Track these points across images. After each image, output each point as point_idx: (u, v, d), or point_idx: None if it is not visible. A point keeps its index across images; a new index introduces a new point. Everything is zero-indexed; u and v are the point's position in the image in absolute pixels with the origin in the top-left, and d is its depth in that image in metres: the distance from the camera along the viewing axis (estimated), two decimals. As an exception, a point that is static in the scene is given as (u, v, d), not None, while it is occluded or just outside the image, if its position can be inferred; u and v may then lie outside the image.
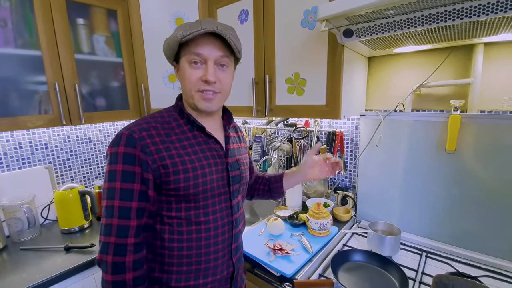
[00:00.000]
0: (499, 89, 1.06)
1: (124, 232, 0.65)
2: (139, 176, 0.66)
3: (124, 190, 0.65)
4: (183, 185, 0.69)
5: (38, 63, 1.20)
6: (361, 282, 0.93)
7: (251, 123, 1.89)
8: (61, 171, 1.60)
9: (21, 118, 1.17)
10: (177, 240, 0.72)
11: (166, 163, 0.68)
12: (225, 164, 0.78)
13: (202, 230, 0.73)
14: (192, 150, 0.72)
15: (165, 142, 0.69)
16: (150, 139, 0.67)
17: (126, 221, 0.65)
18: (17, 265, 1.09)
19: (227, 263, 0.80)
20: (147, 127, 0.69)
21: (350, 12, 0.81)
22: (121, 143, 0.66)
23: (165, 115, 0.75)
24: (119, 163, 0.65)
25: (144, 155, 0.66)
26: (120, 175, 0.65)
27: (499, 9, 0.69)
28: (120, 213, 0.65)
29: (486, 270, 0.99)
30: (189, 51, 0.69)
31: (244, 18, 1.36)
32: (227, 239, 0.78)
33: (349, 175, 1.51)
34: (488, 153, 0.99)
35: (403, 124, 1.16)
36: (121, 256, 0.64)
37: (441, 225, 1.12)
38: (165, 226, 0.72)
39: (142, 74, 1.53)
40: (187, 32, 0.66)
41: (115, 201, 0.65)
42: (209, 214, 0.74)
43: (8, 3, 1.11)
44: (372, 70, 1.36)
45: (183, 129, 0.74)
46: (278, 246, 1.09)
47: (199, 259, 0.74)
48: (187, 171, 0.69)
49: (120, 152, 0.65)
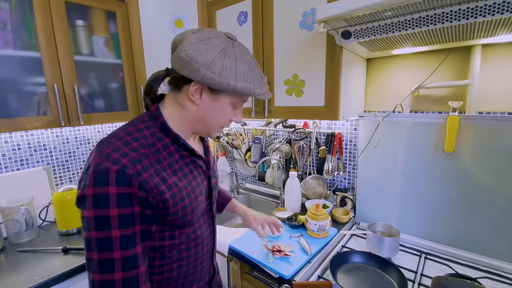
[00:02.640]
0: (497, 90, 1.06)
1: (134, 284, 0.57)
2: (138, 215, 0.58)
3: (125, 237, 0.55)
4: (181, 214, 0.65)
5: (37, 64, 1.20)
6: (360, 283, 0.93)
7: (250, 125, 1.89)
8: (59, 173, 1.60)
9: (20, 119, 1.17)
10: (167, 263, 0.68)
11: (166, 197, 0.61)
12: (208, 178, 0.77)
13: (191, 247, 0.71)
14: (182, 173, 0.67)
15: (159, 172, 0.61)
16: (146, 172, 0.58)
17: (134, 272, 0.57)
18: (14, 267, 1.08)
19: (209, 268, 0.81)
20: (138, 157, 0.58)
21: (348, 14, 0.82)
22: (111, 182, 0.53)
23: (146, 133, 0.63)
24: (112, 207, 0.54)
25: (144, 193, 0.57)
26: (116, 221, 0.54)
27: (496, 11, 0.70)
28: (124, 265, 0.56)
29: (485, 271, 0.98)
30: (241, 98, 0.68)
31: (243, 20, 1.37)
32: (210, 247, 0.79)
33: (348, 177, 1.50)
34: (486, 154, 0.99)
35: (402, 126, 1.16)
36: None
37: (440, 226, 1.12)
38: (156, 254, 0.66)
39: (141, 75, 1.53)
40: (262, 91, 0.66)
41: (115, 253, 0.54)
42: (197, 231, 0.73)
43: (8, 5, 1.11)
44: (370, 72, 1.36)
45: (170, 149, 0.66)
46: (277, 247, 1.09)
47: (187, 273, 0.73)
48: (183, 200, 0.65)
49: (112, 193, 0.54)
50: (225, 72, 0.59)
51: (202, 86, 0.63)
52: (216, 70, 0.59)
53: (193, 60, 0.59)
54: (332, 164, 1.46)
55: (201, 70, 0.59)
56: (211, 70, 0.59)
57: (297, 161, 1.62)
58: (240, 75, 0.61)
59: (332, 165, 1.46)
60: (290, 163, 1.66)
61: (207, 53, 0.59)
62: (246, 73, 0.62)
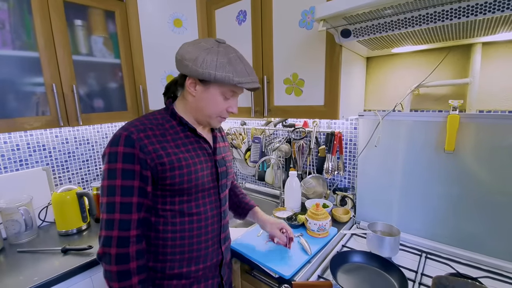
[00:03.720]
0: (498, 89, 1.06)
1: (127, 226, 0.70)
2: (138, 173, 0.71)
3: (125, 187, 0.70)
4: (178, 180, 0.76)
5: (36, 64, 1.19)
6: (360, 283, 0.93)
7: (249, 124, 1.88)
8: (59, 173, 1.60)
9: (19, 119, 1.16)
10: (171, 231, 0.79)
11: (164, 161, 0.74)
12: (214, 161, 0.87)
13: (194, 221, 0.81)
14: (185, 148, 0.80)
15: (161, 142, 0.76)
16: (147, 139, 0.73)
17: (128, 215, 0.71)
18: (14, 267, 1.08)
19: (216, 251, 0.89)
20: (144, 128, 0.74)
21: (348, 12, 0.81)
22: (120, 143, 0.70)
23: (158, 117, 0.81)
24: (118, 162, 0.70)
25: (143, 154, 0.71)
26: (120, 173, 0.70)
27: (496, 9, 0.69)
28: (122, 208, 0.70)
29: (486, 271, 0.98)
30: (229, 88, 0.78)
31: (242, 19, 1.36)
32: (216, 229, 0.88)
33: (348, 176, 1.50)
34: (487, 152, 0.98)
35: (402, 124, 1.16)
36: (125, 247, 0.70)
37: (440, 225, 1.12)
38: (159, 218, 0.78)
39: (140, 75, 1.53)
40: (243, 80, 0.74)
41: (116, 197, 0.70)
42: (200, 206, 0.83)
43: (6, 5, 1.11)
44: (370, 70, 1.36)
45: (176, 129, 0.81)
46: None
47: (191, 247, 0.82)
48: (181, 168, 0.76)
49: (120, 151, 0.70)
50: (205, 64, 0.72)
51: (195, 80, 0.77)
52: (198, 63, 0.73)
53: (183, 58, 0.75)
54: (332, 164, 1.46)
55: (188, 65, 0.74)
56: (195, 64, 0.73)
57: (297, 161, 1.61)
58: (219, 66, 0.73)
59: (332, 165, 1.46)
60: (290, 162, 1.66)
61: (193, 52, 0.74)
62: (225, 65, 0.73)
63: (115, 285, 0.70)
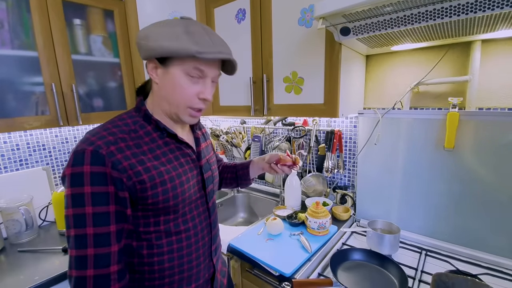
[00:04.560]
0: (497, 86, 1.06)
1: (105, 261, 0.58)
2: (113, 196, 0.59)
3: (98, 214, 0.57)
4: (162, 198, 0.65)
5: (35, 64, 1.19)
6: (360, 281, 0.93)
7: (249, 123, 1.88)
8: (59, 173, 1.60)
9: (18, 119, 1.16)
10: (156, 254, 0.67)
11: (143, 178, 0.62)
12: (199, 168, 0.76)
13: (183, 239, 0.70)
14: (166, 159, 0.67)
15: (137, 155, 0.63)
16: (120, 153, 0.60)
17: (105, 249, 0.58)
18: (14, 267, 1.08)
19: (208, 265, 0.79)
20: (114, 140, 0.61)
21: (347, 10, 0.81)
22: (86, 162, 0.56)
23: (129, 122, 0.67)
24: (86, 185, 0.56)
25: (117, 173, 0.59)
26: (90, 198, 0.56)
27: (496, 6, 0.69)
28: (97, 241, 0.57)
29: (486, 268, 0.98)
30: (191, 65, 0.62)
31: (241, 18, 1.36)
32: (207, 242, 0.78)
33: (348, 174, 1.50)
34: (486, 150, 0.99)
35: (402, 122, 1.16)
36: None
37: (440, 223, 1.12)
38: (142, 242, 0.66)
39: (140, 74, 1.53)
40: (203, 50, 0.60)
41: (88, 229, 0.56)
42: (188, 222, 0.72)
43: (5, 4, 1.10)
44: (370, 68, 1.36)
45: (153, 136, 0.68)
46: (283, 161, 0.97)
47: (181, 268, 0.71)
48: (164, 183, 0.65)
49: (86, 172, 0.56)
50: (158, 37, 0.60)
51: (155, 63, 0.64)
52: (150, 38, 0.61)
53: (138, 39, 0.64)
54: (332, 162, 1.46)
55: (141, 44, 0.63)
56: (147, 40, 0.61)
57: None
58: (174, 37, 0.60)
59: (332, 163, 1.46)
60: (290, 161, 1.66)
61: (148, 29, 0.63)
62: (181, 34, 0.60)
63: None
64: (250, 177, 1.02)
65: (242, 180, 1.02)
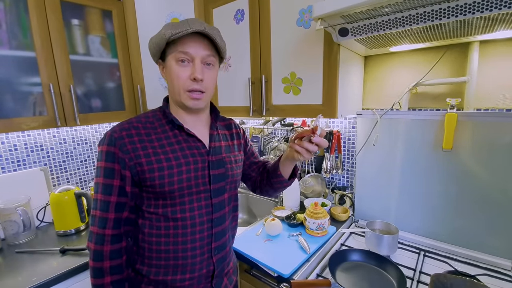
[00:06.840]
0: (495, 87, 1.06)
1: (103, 224, 0.71)
2: (118, 172, 0.70)
3: (105, 185, 0.70)
4: (158, 183, 0.71)
5: (33, 64, 1.19)
6: (359, 281, 0.93)
7: (248, 123, 1.88)
8: (56, 173, 1.59)
9: (16, 120, 1.16)
10: (155, 234, 0.75)
11: (141, 161, 0.71)
12: (207, 162, 0.78)
13: (179, 226, 0.75)
14: (170, 148, 0.74)
15: (143, 141, 0.72)
16: (128, 138, 0.71)
17: (105, 214, 0.71)
18: (12, 268, 1.08)
19: (206, 261, 0.80)
20: (128, 127, 0.73)
21: (345, 11, 0.81)
22: (105, 142, 0.71)
23: (150, 115, 0.79)
24: (102, 160, 0.71)
25: (122, 153, 0.70)
26: (103, 171, 0.70)
27: (494, 7, 0.69)
28: (101, 206, 0.71)
29: (484, 268, 0.98)
30: (176, 50, 0.71)
31: (240, 18, 1.36)
32: (206, 237, 0.78)
33: (347, 175, 1.50)
34: (484, 151, 0.99)
35: (400, 123, 1.16)
36: (100, 245, 0.71)
37: (439, 223, 1.12)
38: (145, 220, 0.75)
39: (138, 74, 1.53)
40: (175, 31, 0.68)
41: (99, 195, 0.71)
42: (186, 211, 0.75)
43: (2, 4, 1.10)
44: (368, 69, 1.36)
45: (165, 128, 0.77)
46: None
47: (176, 254, 0.76)
48: (161, 169, 0.71)
49: (104, 150, 0.71)
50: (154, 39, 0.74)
51: (160, 63, 0.77)
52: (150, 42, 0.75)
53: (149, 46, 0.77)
54: (331, 162, 1.46)
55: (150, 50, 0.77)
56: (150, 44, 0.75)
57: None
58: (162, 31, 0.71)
59: (331, 163, 1.46)
60: (289, 161, 1.65)
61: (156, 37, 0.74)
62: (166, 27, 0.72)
63: (92, 280, 0.72)
64: (281, 173, 0.87)
65: (274, 178, 0.89)
